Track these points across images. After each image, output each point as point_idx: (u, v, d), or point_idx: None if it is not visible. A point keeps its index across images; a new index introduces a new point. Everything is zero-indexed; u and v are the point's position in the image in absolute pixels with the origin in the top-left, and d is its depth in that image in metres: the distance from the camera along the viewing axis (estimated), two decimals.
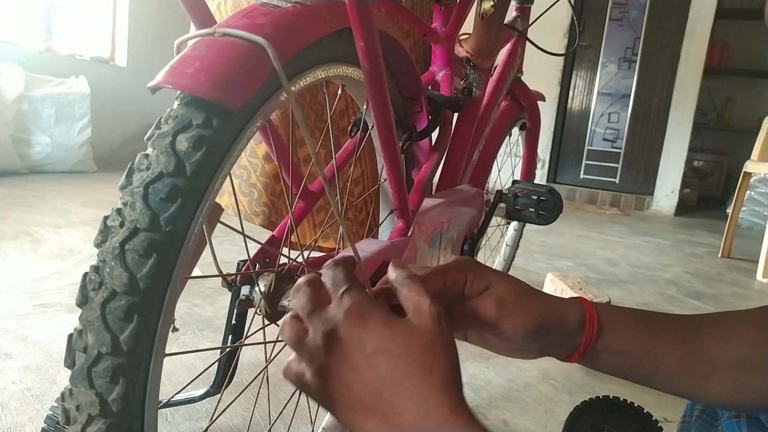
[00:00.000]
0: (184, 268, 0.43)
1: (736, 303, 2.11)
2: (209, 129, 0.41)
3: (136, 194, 0.40)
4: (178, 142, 0.41)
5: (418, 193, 0.80)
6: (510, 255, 1.79)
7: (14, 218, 2.26)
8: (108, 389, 0.39)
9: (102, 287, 0.40)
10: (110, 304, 0.39)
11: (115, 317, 0.39)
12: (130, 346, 0.39)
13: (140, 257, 0.39)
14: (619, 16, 4.53)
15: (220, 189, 0.44)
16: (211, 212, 0.44)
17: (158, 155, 0.41)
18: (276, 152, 0.67)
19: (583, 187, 4.75)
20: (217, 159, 0.43)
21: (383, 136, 0.61)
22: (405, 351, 0.41)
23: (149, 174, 0.40)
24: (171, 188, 0.40)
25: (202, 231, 0.43)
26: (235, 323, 0.65)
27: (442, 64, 0.96)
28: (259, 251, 0.65)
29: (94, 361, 0.39)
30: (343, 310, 0.43)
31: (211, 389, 0.67)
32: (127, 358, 0.39)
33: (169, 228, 0.40)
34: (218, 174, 0.43)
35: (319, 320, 0.43)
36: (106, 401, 0.39)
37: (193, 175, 0.41)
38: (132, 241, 0.39)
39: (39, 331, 1.27)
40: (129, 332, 0.39)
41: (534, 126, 1.48)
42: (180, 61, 0.41)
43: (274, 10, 0.45)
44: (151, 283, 0.39)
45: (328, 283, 0.45)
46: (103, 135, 4.02)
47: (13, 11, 3.72)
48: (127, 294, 0.39)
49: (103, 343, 0.39)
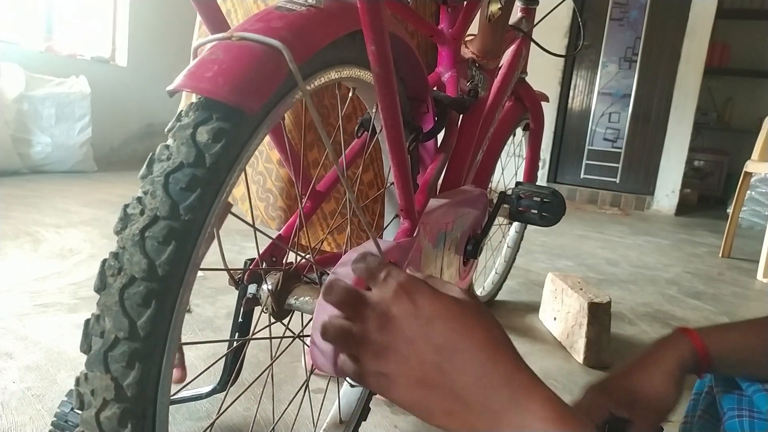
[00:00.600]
0: (200, 257, 0.44)
1: (737, 303, 2.11)
2: (229, 122, 0.42)
3: (156, 183, 0.41)
4: (198, 134, 0.42)
5: (424, 194, 0.81)
6: (511, 255, 1.79)
7: (15, 218, 2.26)
8: (124, 374, 0.40)
9: (121, 273, 0.40)
10: (129, 289, 0.40)
11: (133, 302, 0.40)
12: (147, 331, 0.40)
13: (159, 244, 0.40)
14: (619, 16, 4.54)
15: (236, 182, 0.45)
16: (221, 209, 0.44)
17: (179, 146, 0.42)
18: (286, 153, 0.67)
19: (584, 186, 4.76)
20: (235, 152, 0.44)
21: (392, 138, 0.62)
22: (459, 314, 0.42)
23: (170, 164, 0.41)
24: (191, 178, 0.41)
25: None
26: (241, 321, 0.66)
27: (448, 65, 0.96)
28: (266, 250, 0.66)
29: (111, 345, 0.40)
30: (391, 289, 0.43)
31: (218, 386, 0.67)
32: (143, 344, 0.40)
33: (188, 216, 0.41)
34: (235, 167, 0.44)
35: (366, 306, 0.43)
36: (122, 386, 0.40)
37: (212, 166, 0.42)
38: (152, 229, 0.40)
39: (39, 331, 1.27)
40: (146, 318, 0.40)
41: (537, 126, 1.49)
42: (198, 65, 0.42)
43: (289, 13, 0.46)
44: (170, 269, 0.40)
45: (362, 273, 0.45)
46: (104, 135, 4.02)
47: (14, 11, 3.71)
48: (146, 280, 0.40)
49: (121, 328, 0.40)
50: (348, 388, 0.83)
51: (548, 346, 1.49)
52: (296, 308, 0.64)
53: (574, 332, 1.43)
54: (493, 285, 1.76)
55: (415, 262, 0.75)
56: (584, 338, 1.38)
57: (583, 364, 1.38)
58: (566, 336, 1.48)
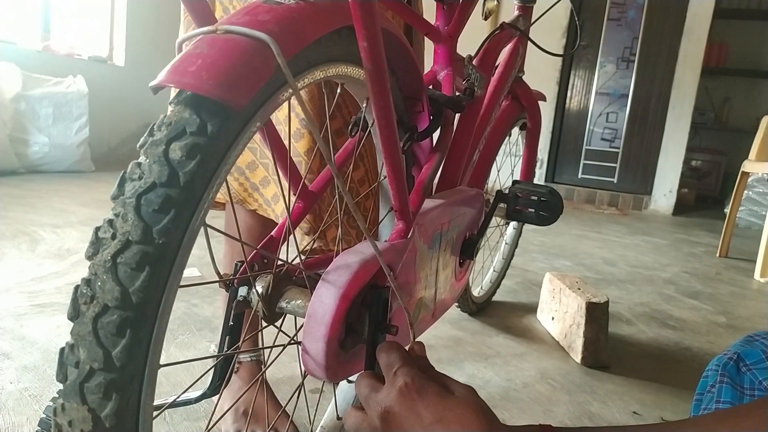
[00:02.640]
0: (178, 280, 0.42)
1: (734, 302, 2.11)
2: (204, 136, 0.40)
3: (128, 205, 0.39)
4: (171, 151, 0.39)
5: (419, 194, 0.80)
6: (509, 255, 1.79)
7: (12, 218, 2.25)
8: (101, 405, 0.38)
9: (94, 301, 0.39)
10: (102, 318, 0.38)
11: (107, 332, 0.38)
12: (123, 361, 0.38)
13: (132, 270, 0.38)
14: (617, 16, 4.53)
15: (215, 197, 0.43)
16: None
17: (151, 164, 0.39)
18: (274, 152, 0.66)
19: (582, 186, 4.75)
20: (212, 167, 0.41)
21: (385, 136, 0.61)
22: (461, 417, 0.45)
23: (142, 184, 0.39)
24: (164, 199, 0.39)
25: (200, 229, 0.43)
26: (232, 324, 0.64)
27: (444, 63, 0.95)
28: (257, 252, 0.65)
29: (87, 376, 0.38)
30: (396, 388, 0.47)
31: (208, 391, 0.66)
32: (120, 374, 0.38)
33: (163, 240, 0.39)
34: (213, 182, 0.42)
35: (375, 402, 0.47)
36: (99, 417, 0.38)
37: (186, 184, 0.39)
38: (124, 254, 0.38)
39: (37, 331, 1.26)
40: (121, 347, 0.38)
41: (534, 126, 1.48)
42: (182, 60, 0.40)
43: (277, 7, 0.45)
44: (144, 297, 0.38)
45: (383, 365, 0.49)
46: (101, 134, 4.01)
47: (11, 11, 3.70)
48: (120, 308, 0.38)
49: (95, 359, 0.38)
50: (345, 385, 0.82)
51: (546, 346, 1.48)
52: (288, 312, 0.63)
53: (572, 332, 1.43)
54: (491, 284, 1.75)
55: (410, 263, 0.74)
56: (582, 338, 1.38)
57: (581, 364, 1.37)
58: (564, 336, 1.48)
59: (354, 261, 0.60)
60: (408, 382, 0.47)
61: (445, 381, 0.50)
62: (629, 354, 1.49)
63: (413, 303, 0.77)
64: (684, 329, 1.73)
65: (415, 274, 0.76)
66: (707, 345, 1.61)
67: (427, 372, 0.51)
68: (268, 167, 0.90)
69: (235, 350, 0.64)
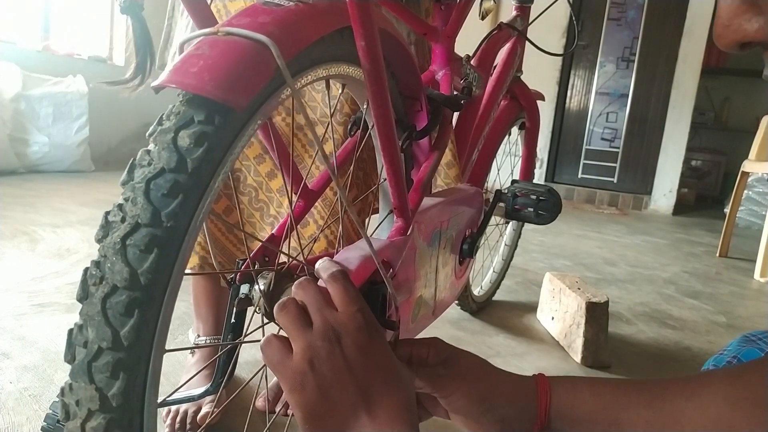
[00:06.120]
0: (185, 263, 0.43)
1: (734, 302, 2.11)
2: (211, 125, 0.41)
3: (137, 190, 0.40)
4: (179, 138, 0.41)
5: (418, 193, 0.80)
6: (508, 254, 1.79)
7: (12, 218, 2.25)
8: (108, 384, 0.39)
9: (103, 282, 0.40)
10: (111, 299, 0.39)
11: (116, 312, 0.39)
12: (131, 341, 0.39)
13: (141, 252, 0.39)
14: (617, 16, 4.54)
15: (221, 186, 0.44)
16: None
17: (160, 151, 0.41)
18: (276, 150, 0.67)
19: (581, 186, 4.76)
20: (219, 156, 0.43)
21: (383, 135, 0.61)
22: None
23: (151, 170, 0.40)
24: (172, 184, 0.40)
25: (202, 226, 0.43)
26: (234, 322, 0.65)
27: (442, 63, 0.96)
28: (259, 249, 0.65)
29: (95, 356, 0.39)
30: (356, 324, 0.47)
31: (211, 387, 0.67)
32: (127, 353, 0.40)
33: (170, 224, 0.40)
34: (219, 171, 0.43)
35: (332, 316, 0.47)
36: (106, 396, 0.39)
37: (194, 171, 0.41)
38: (133, 237, 0.40)
39: (36, 331, 1.27)
40: (129, 327, 0.39)
41: (533, 125, 1.49)
42: (184, 61, 0.41)
43: (276, 8, 0.45)
44: (152, 278, 0.40)
45: (337, 290, 0.49)
46: (101, 134, 4.01)
47: (11, 10, 3.70)
48: (128, 289, 0.39)
49: (104, 338, 0.39)
50: None
51: (546, 346, 1.49)
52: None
53: (572, 332, 1.43)
54: (491, 284, 1.75)
55: (409, 260, 0.74)
56: (582, 338, 1.38)
57: (581, 364, 1.37)
58: (564, 335, 1.48)
59: (354, 257, 0.60)
60: (365, 325, 0.47)
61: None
62: (629, 354, 1.49)
63: (413, 300, 0.78)
64: (684, 329, 1.73)
65: (414, 271, 0.77)
66: (707, 345, 1.61)
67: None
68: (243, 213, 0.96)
69: (238, 343, 0.65)
